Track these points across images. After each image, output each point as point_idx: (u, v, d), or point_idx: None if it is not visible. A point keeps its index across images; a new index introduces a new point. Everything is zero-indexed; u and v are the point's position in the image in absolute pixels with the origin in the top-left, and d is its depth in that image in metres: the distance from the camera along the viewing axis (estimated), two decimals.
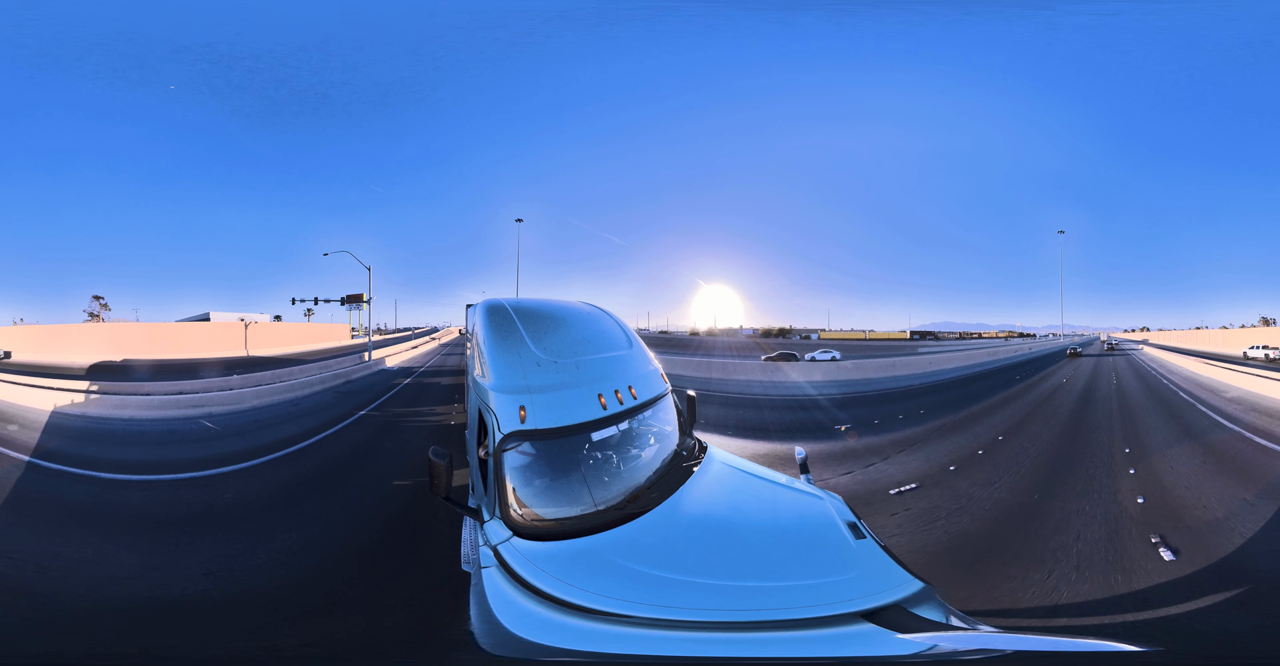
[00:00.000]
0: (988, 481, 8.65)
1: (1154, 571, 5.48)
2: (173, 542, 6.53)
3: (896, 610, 3.05)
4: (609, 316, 6.12)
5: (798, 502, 4.30)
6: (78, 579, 5.51)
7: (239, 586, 5.38)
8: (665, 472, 4.52)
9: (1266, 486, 8.22)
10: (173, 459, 10.38)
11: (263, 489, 8.61)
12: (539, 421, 4.07)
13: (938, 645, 2.96)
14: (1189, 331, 56.14)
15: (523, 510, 3.83)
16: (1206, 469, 9.33)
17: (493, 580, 3.42)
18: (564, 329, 5.29)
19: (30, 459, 9.99)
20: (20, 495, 8.19)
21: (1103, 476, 8.87)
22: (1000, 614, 4.77)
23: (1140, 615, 4.69)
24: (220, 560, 5.97)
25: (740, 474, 4.79)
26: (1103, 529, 6.59)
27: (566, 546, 3.57)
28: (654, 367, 5.55)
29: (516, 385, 4.30)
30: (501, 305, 5.53)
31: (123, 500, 8.19)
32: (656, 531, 3.73)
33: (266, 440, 11.83)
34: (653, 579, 3.23)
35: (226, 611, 4.91)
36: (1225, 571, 5.48)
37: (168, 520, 7.28)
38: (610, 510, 3.95)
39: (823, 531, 3.79)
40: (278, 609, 4.97)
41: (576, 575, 3.26)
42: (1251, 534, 6.38)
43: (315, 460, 10.36)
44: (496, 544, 3.63)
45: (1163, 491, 8.04)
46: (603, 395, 4.48)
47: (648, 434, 4.89)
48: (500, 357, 4.64)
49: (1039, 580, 5.37)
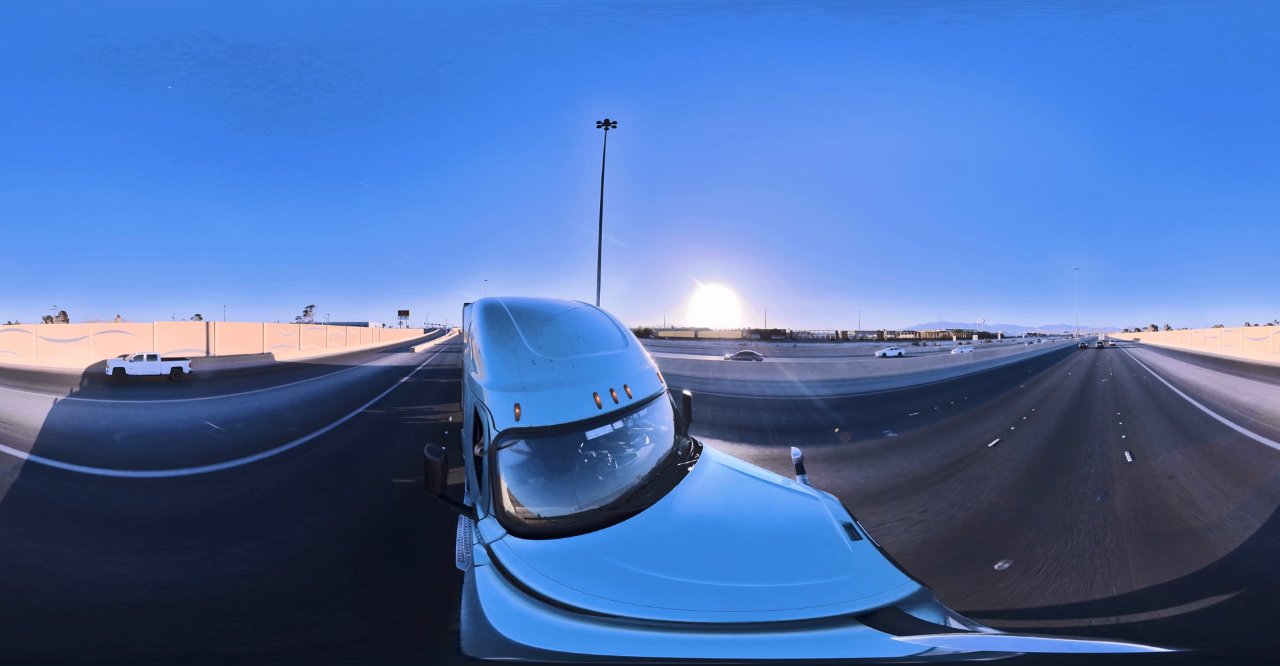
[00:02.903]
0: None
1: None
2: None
3: (892, 612, 3.01)
4: (605, 315, 6.09)
5: (793, 503, 4.27)
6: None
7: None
8: (660, 472, 4.49)
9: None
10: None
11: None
12: (534, 419, 4.04)
13: (937, 647, 2.91)
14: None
15: (516, 508, 3.79)
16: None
17: (485, 578, 3.39)
18: (560, 327, 5.26)
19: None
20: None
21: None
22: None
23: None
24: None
25: (735, 474, 4.75)
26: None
27: (559, 545, 3.53)
28: (649, 367, 5.51)
29: (512, 383, 4.27)
30: (498, 303, 5.50)
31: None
32: (649, 531, 3.69)
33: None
34: (644, 579, 3.20)
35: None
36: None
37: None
38: (604, 509, 3.92)
39: (817, 532, 3.76)
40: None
41: (567, 574, 3.22)
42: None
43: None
44: (490, 542, 3.60)
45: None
46: (598, 394, 4.44)
47: (643, 433, 4.86)
48: (496, 355, 4.60)
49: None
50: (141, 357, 23.75)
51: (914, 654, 2.83)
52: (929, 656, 2.84)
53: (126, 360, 23.39)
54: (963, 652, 2.95)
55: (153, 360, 23.83)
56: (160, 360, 24.05)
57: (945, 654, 2.90)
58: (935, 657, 2.85)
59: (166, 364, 24.15)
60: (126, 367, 22.91)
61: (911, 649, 2.83)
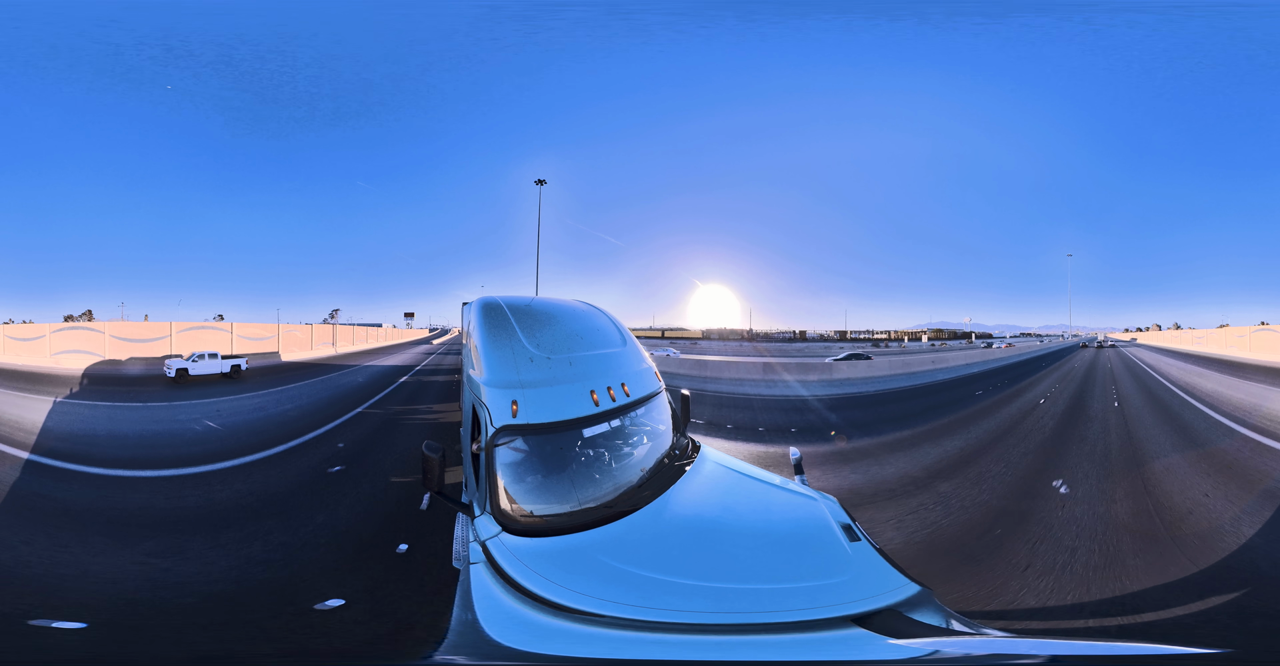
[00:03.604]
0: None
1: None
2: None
3: (891, 614, 2.94)
4: (603, 314, 6.07)
5: (791, 504, 4.22)
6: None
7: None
8: (657, 471, 4.45)
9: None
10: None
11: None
12: (531, 416, 4.02)
13: (940, 650, 2.78)
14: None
15: (512, 505, 3.77)
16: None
17: (479, 577, 3.37)
18: (558, 325, 5.26)
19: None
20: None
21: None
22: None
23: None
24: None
25: (733, 474, 4.71)
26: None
27: (554, 543, 3.51)
28: (647, 365, 5.49)
29: (509, 380, 4.27)
30: (496, 302, 5.51)
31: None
32: (645, 530, 3.65)
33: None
34: (637, 579, 3.16)
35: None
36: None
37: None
38: (600, 507, 3.89)
39: (815, 533, 3.70)
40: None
41: (562, 572, 3.19)
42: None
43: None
44: (485, 539, 3.58)
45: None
46: (595, 391, 4.42)
47: (640, 431, 4.82)
48: (494, 353, 4.61)
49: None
50: (203, 357, 24.85)
51: (915, 657, 2.73)
52: (933, 660, 2.72)
53: (189, 360, 24.45)
54: (972, 656, 2.81)
55: (214, 359, 25.10)
56: (220, 358, 25.55)
57: (950, 657, 2.77)
58: (939, 661, 2.74)
59: (226, 362, 25.59)
60: (190, 367, 24.31)
61: (912, 652, 2.74)
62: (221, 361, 25.35)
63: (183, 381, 23.16)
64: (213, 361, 24.99)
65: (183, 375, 23.73)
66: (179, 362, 24.18)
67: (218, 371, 25.03)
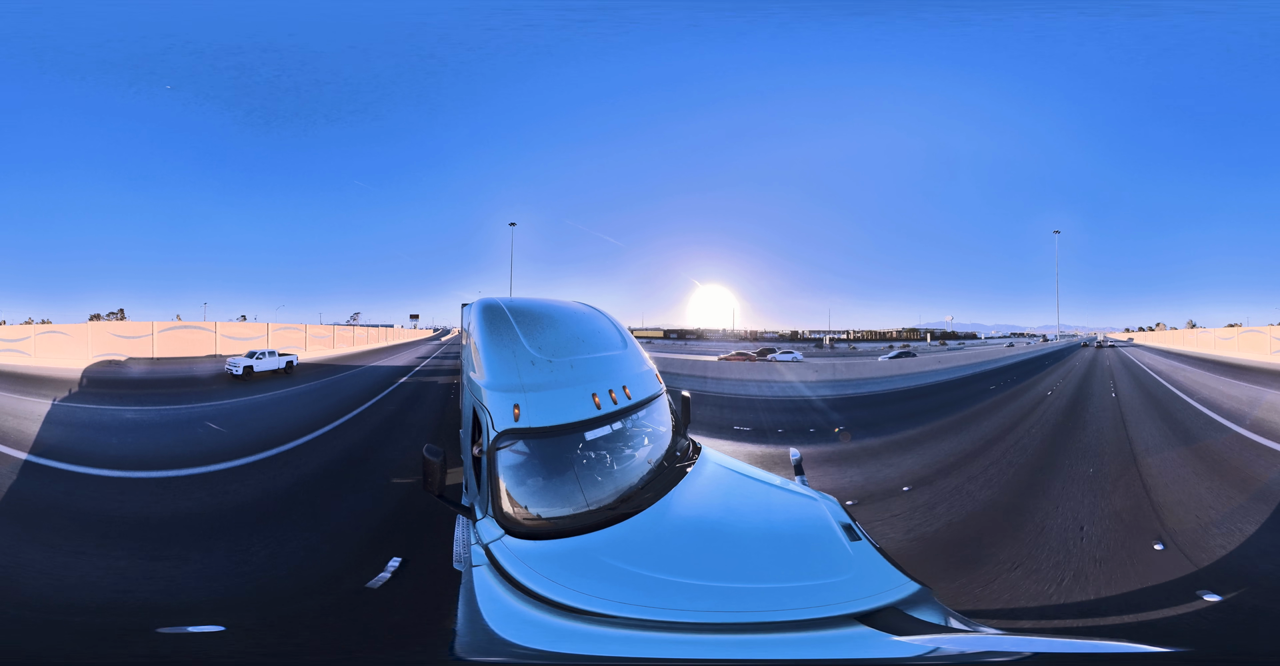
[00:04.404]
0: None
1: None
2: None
3: (892, 612, 2.97)
4: (604, 316, 6.05)
5: (791, 504, 4.24)
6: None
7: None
8: (658, 473, 4.47)
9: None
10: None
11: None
12: (533, 420, 4.04)
13: (940, 648, 2.78)
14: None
15: (515, 508, 3.80)
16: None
17: (483, 579, 3.40)
18: (559, 328, 5.25)
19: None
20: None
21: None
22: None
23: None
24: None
25: (734, 475, 4.72)
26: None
27: (557, 545, 3.54)
28: (649, 368, 5.48)
29: (511, 383, 4.28)
30: (496, 304, 5.50)
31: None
32: (648, 531, 3.68)
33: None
34: (642, 579, 3.19)
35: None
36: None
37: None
38: (602, 510, 3.91)
39: (816, 533, 3.73)
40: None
41: (566, 574, 3.23)
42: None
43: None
44: (488, 542, 3.62)
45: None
46: (597, 394, 4.43)
47: (641, 434, 4.83)
48: (495, 356, 4.61)
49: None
50: (265, 355, 26.22)
51: (916, 654, 2.75)
52: (933, 657, 2.72)
53: (254, 359, 25.79)
54: (968, 653, 2.79)
55: (272, 356, 26.60)
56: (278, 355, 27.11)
57: (950, 654, 2.78)
58: (939, 658, 2.76)
59: (283, 359, 27.15)
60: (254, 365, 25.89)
61: (913, 649, 2.77)
62: (279, 358, 26.91)
63: (249, 378, 24.73)
64: (273, 359, 26.53)
65: (249, 372, 25.33)
66: (243, 360, 25.72)
67: (277, 367, 26.62)
